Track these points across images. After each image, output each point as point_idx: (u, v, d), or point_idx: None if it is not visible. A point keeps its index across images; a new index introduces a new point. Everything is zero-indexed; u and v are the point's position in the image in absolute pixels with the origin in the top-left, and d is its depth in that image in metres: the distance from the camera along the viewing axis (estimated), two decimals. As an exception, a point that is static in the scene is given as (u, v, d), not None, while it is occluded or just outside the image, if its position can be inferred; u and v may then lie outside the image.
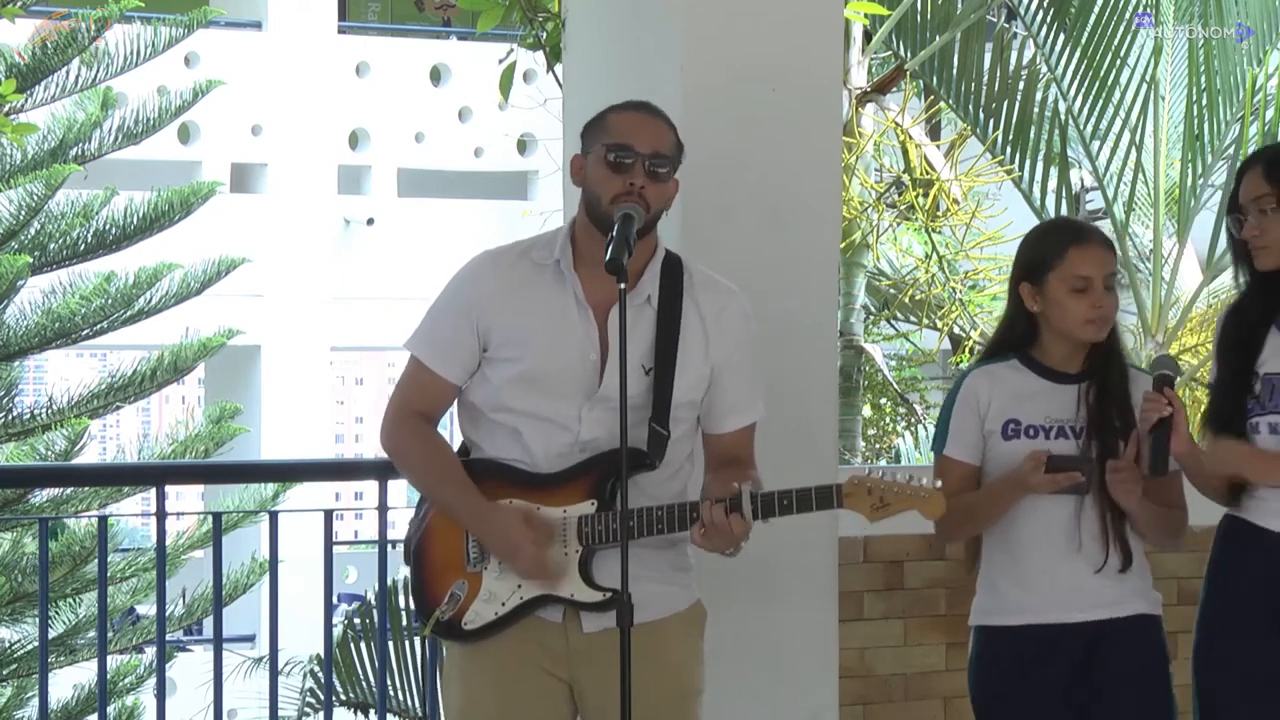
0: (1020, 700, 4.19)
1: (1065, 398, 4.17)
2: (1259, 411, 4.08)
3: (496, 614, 3.92)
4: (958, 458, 4.21)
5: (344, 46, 19.49)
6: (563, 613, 3.91)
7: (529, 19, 6.59)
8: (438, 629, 3.97)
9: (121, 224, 13.61)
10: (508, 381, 3.92)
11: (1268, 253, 4.11)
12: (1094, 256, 4.15)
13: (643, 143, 3.88)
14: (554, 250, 3.95)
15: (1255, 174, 4.13)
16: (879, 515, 3.83)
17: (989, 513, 4.17)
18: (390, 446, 4.03)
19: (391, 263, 18.66)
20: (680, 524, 3.85)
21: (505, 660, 3.95)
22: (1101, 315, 4.15)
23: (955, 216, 10.34)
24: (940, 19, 9.90)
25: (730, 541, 3.83)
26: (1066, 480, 4.03)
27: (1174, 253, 10.35)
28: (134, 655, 13.38)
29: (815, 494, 3.83)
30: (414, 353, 4.01)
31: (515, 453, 3.94)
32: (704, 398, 3.98)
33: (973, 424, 4.22)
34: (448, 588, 3.96)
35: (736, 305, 4.01)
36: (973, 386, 4.24)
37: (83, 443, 13.44)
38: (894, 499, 3.82)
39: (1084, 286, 4.14)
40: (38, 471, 10.27)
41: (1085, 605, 4.15)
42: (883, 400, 12.02)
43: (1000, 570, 4.23)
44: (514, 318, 3.92)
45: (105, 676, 5.29)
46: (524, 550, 3.85)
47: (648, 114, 3.95)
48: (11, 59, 13.21)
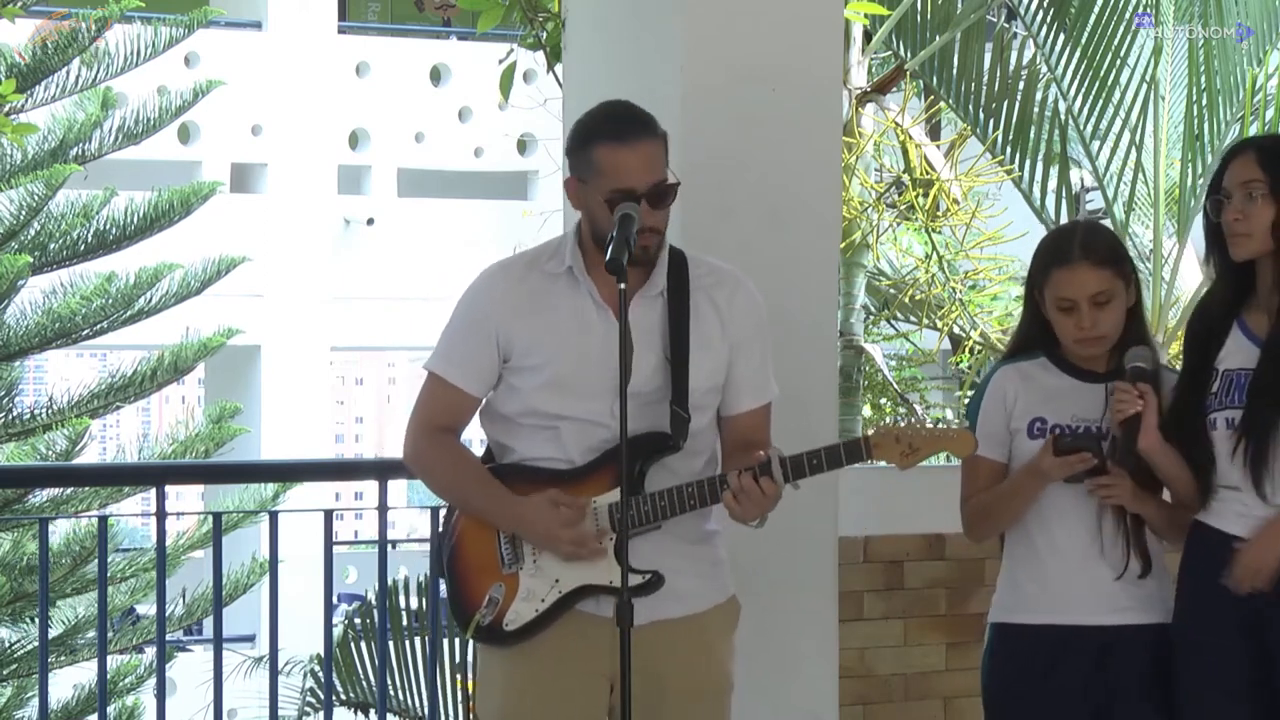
0: (1033, 699, 4.19)
1: (1092, 397, 4.15)
2: (1215, 407, 4.06)
3: (537, 611, 3.94)
4: (986, 455, 4.19)
5: (344, 46, 19.49)
6: (612, 607, 3.90)
7: (529, 19, 6.59)
8: (478, 634, 3.97)
9: (121, 224, 13.62)
10: (538, 389, 3.95)
11: (1248, 240, 4.06)
12: (1076, 279, 4.11)
13: (640, 180, 3.87)
14: (564, 258, 3.99)
15: (1247, 159, 4.09)
16: (910, 461, 3.84)
17: (1011, 506, 4.16)
18: (415, 463, 4.05)
19: (391, 263, 18.66)
20: (711, 497, 3.88)
21: (545, 661, 3.97)
22: (1090, 335, 4.12)
23: (955, 216, 10.33)
24: (940, 19, 9.89)
25: (761, 507, 3.85)
26: (1080, 464, 4.02)
27: (1174, 253, 10.33)
28: (134, 655, 13.39)
29: (844, 449, 3.86)
30: (434, 370, 4.03)
31: (551, 451, 3.97)
32: (724, 381, 4.02)
33: (1000, 421, 4.21)
34: (485, 592, 3.97)
35: (746, 289, 4.07)
36: (1001, 383, 4.24)
37: (83, 443, 13.45)
38: (923, 443, 3.83)
39: (1069, 307, 4.13)
40: (38, 471, 10.29)
41: (1103, 609, 4.15)
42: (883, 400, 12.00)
43: (1022, 568, 4.23)
44: (534, 326, 3.96)
45: (105, 676, 5.30)
46: (560, 534, 3.87)
47: (634, 141, 3.90)
48: (11, 59, 13.21)
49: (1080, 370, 4.19)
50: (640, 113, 3.96)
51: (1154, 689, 4.15)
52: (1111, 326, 4.15)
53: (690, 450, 3.97)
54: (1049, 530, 4.17)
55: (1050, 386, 4.19)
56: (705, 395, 3.99)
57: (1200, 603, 4.10)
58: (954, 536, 5.37)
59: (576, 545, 3.88)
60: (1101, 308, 4.13)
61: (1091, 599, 4.15)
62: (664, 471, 3.92)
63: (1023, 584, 4.22)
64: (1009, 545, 4.27)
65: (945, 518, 5.24)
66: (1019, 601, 4.23)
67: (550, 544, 3.90)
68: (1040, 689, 4.17)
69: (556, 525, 3.87)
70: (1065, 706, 4.16)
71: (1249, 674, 4.04)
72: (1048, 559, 4.18)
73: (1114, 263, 4.16)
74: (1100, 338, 4.14)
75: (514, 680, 4.01)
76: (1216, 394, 4.08)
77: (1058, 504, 4.15)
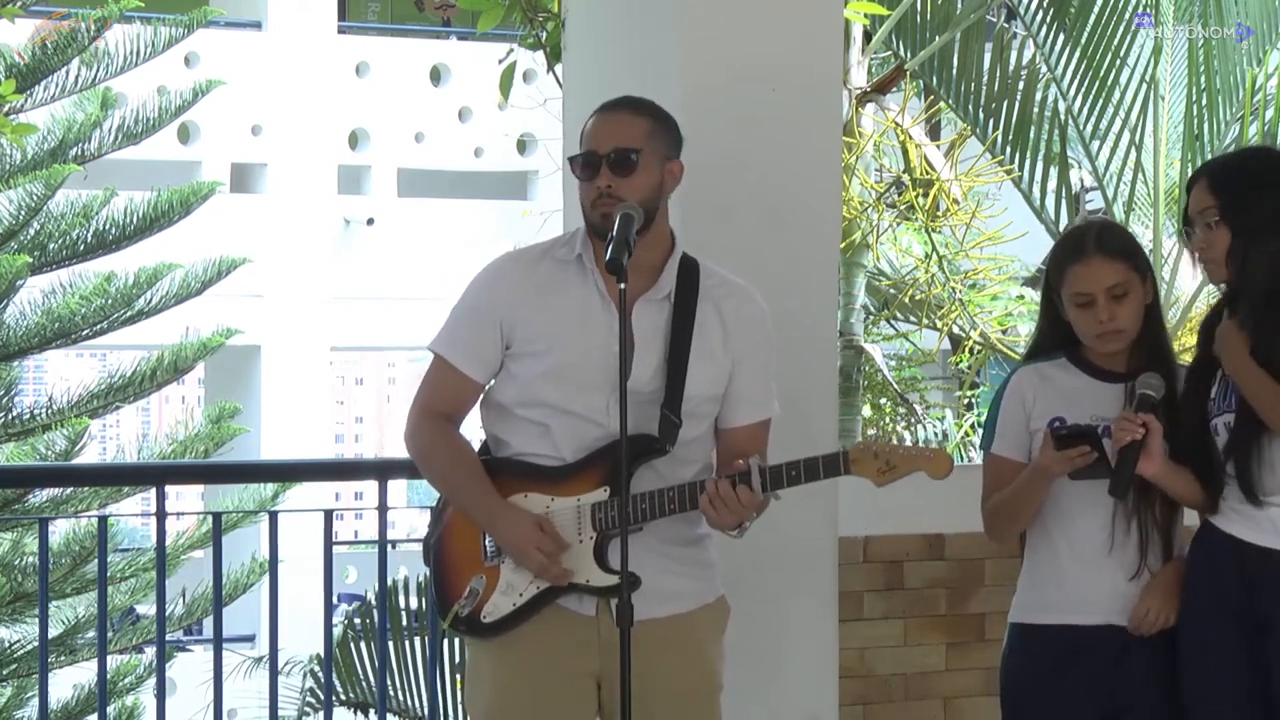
0: (1049, 698, 4.19)
1: (1111, 397, 4.15)
2: (1215, 412, 4.09)
3: (514, 605, 3.95)
4: (1006, 455, 4.21)
5: (344, 46, 19.49)
6: (595, 606, 3.93)
7: (529, 19, 6.60)
8: (457, 623, 3.98)
9: (121, 224, 13.61)
10: (538, 376, 3.95)
11: (1216, 267, 4.12)
12: (1092, 273, 4.13)
13: (602, 143, 3.94)
14: (575, 247, 4.00)
15: (1201, 187, 4.14)
16: (886, 479, 3.86)
17: (1023, 504, 4.16)
18: (414, 448, 4.05)
19: (391, 263, 18.66)
20: (691, 502, 3.89)
21: (532, 658, 3.97)
22: (1109, 328, 4.13)
23: (955, 216, 10.33)
24: (940, 19, 9.89)
25: (738, 515, 3.86)
26: (1081, 459, 4.01)
27: (1174, 253, 10.34)
28: (134, 655, 13.39)
29: (822, 462, 3.87)
30: (438, 351, 4.04)
31: (542, 447, 3.97)
32: (724, 392, 4.02)
33: (1019, 421, 4.21)
34: (466, 583, 3.98)
35: (754, 303, 4.07)
36: (1019, 384, 4.24)
37: (83, 443, 13.45)
38: (900, 461, 3.85)
39: (1087, 302, 4.14)
40: (38, 471, 10.29)
41: (1119, 610, 4.15)
42: (883, 400, 11.99)
43: (1041, 568, 4.23)
44: (539, 312, 3.97)
45: (105, 676, 5.30)
46: (531, 556, 3.89)
47: (609, 111, 4.01)
48: (11, 59, 13.21)
49: (1100, 370, 4.19)
50: (637, 97, 4.03)
51: (1170, 692, 4.15)
52: (1129, 321, 4.15)
53: (681, 458, 3.96)
54: (1067, 530, 4.17)
55: (1069, 386, 4.19)
56: (701, 404, 3.98)
57: (1206, 604, 4.10)
58: (954, 536, 5.38)
59: (542, 571, 3.89)
60: (1119, 300, 4.13)
61: (1108, 599, 4.15)
62: (653, 476, 3.92)
63: (1042, 584, 4.22)
64: (1030, 545, 4.27)
65: (945, 518, 5.25)
66: (1038, 601, 4.23)
67: (522, 558, 3.91)
68: (1057, 688, 4.18)
69: (533, 547, 3.89)
70: (1082, 706, 4.17)
71: (1253, 677, 4.04)
72: (1066, 559, 4.18)
73: (1129, 256, 4.18)
74: (1119, 331, 4.14)
75: (500, 676, 4.01)
76: (1215, 399, 4.09)
77: (1076, 504, 4.15)
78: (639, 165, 3.93)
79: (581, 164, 3.95)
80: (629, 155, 3.92)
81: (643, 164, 3.93)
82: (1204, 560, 4.13)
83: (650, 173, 3.95)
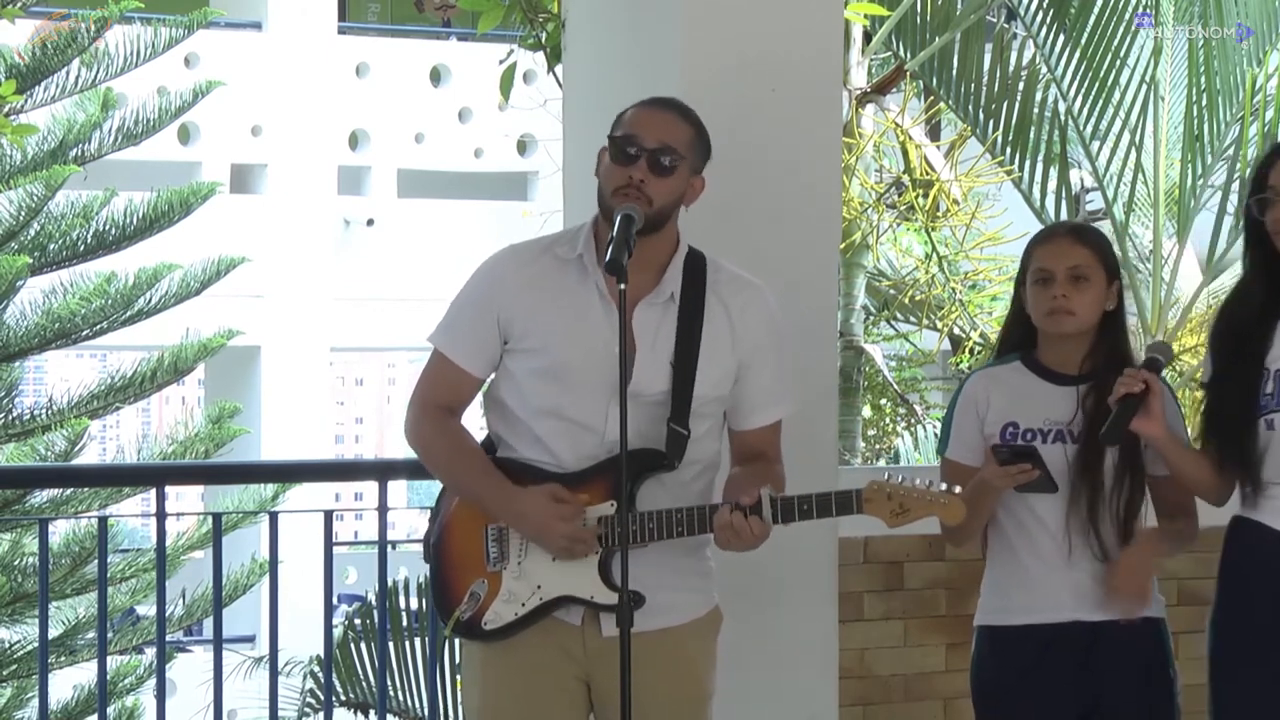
0: (1021, 701, 4.19)
1: (1064, 400, 4.15)
2: (1273, 407, 4.02)
3: (516, 614, 3.92)
4: (959, 460, 4.21)
5: (344, 47, 19.50)
6: (581, 615, 3.91)
7: (529, 19, 6.60)
8: (458, 628, 3.97)
9: (121, 224, 13.61)
10: (532, 375, 3.91)
11: None
12: (1054, 250, 4.14)
13: (649, 135, 3.87)
14: (577, 245, 3.95)
15: None
16: (899, 522, 3.85)
17: (972, 514, 4.09)
18: (414, 441, 4.02)
19: (391, 263, 18.67)
20: (700, 527, 3.85)
21: (524, 662, 3.94)
22: (1060, 306, 4.10)
23: (955, 217, 10.34)
24: (940, 19, 9.89)
25: (748, 544, 3.84)
26: (1023, 476, 3.99)
27: (1174, 253, 10.34)
28: (134, 655, 13.38)
29: (835, 499, 3.84)
30: (435, 345, 4.01)
31: (538, 452, 3.93)
32: (730, 393, 3.98)
33: (973, 426, 4.22)
34: (468, 587, 3.95)
35: (762, 300, 4.02)
36: (972, 390, 4.25)
37: (83, 443, 13.45)
38: (913, 505, 3.83)
39: (1044, 278, 4.13)
40: (38, 472, 10.27)
41: (1085, 606, 4.15)
42: (883, 401, 12.01)
43: (1003, 570, 4.23)
44: (536, 310, 3.91)
45: (105, 677, 5.29)
46: (553, 528, 3.83)
47: (660, 108, 3.95)
48: (11, 59, 13.21)
49: (1052, 373, 4.18)
50: (684, 104, 3.99)
51: (1142, 684, 4.16)
52: (1083, 308, 4.12)
53: (684, 459, 3.92)
54: (1026, 532, 4.17)
55: (1021, 389, 4.19)
56: (707, 404, 3.94)
57: (1243, 603, 4.06)
58: (954, 537, 5.37)
59: (571, 541, 3.84)
60: (1076, 284, 4.12)
61: (1073, 597, 4.15)
62: (655, 483, 3.88)
63: (1004, 586, 4.23)
64: (991, 549, 4.27)
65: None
66: (1002, 604, 4.23)
67: (545, 536, 3.85)
68: (1027, 686, 4.18)
69: (554, 518, 3.83)
70: (1057, 702, 4.17)
71: None
72: (1027, 560, 4.18)
73: (1097, 248, 4.17)
74: (1070, 314, 4.11)
75: (490, 681, 3.99)
76: (1273, 394, 4.03)
77: (1028, 515, 4.15)
78: (676, 170, 3.89)
79: (621, 148, 3.87)
80: (671, 157, 3.88)
81: (679, 170, 3.89)
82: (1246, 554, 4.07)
83: (680, 181, 3.91)
